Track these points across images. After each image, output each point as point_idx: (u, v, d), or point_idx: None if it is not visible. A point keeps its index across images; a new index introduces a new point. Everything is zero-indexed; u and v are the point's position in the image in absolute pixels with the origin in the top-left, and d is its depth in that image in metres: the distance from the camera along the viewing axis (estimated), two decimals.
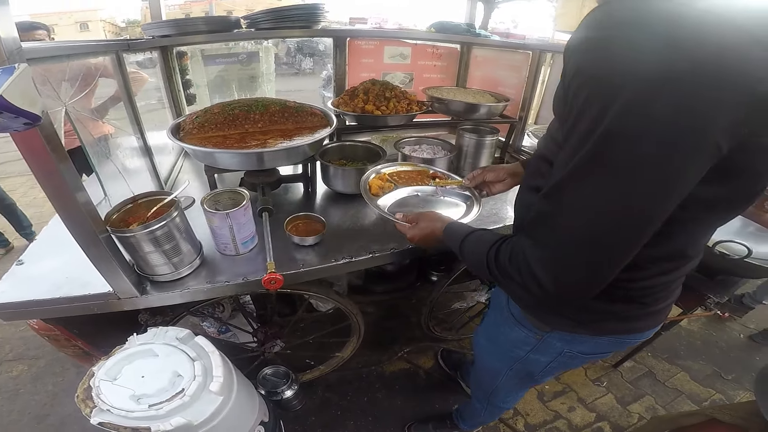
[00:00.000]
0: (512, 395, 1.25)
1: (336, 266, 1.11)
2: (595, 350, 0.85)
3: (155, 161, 1.46)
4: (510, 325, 0.93)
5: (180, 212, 0.99)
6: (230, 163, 1.25)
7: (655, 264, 0.66)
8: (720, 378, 1.99)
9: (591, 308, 0.75)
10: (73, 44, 1.08)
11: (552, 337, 0.85)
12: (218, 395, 0.85)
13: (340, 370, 1.81)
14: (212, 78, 1.86)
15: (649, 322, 0.79)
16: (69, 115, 0.98)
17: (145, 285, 1.00)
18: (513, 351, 0.97)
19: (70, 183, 0.75)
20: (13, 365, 1.95)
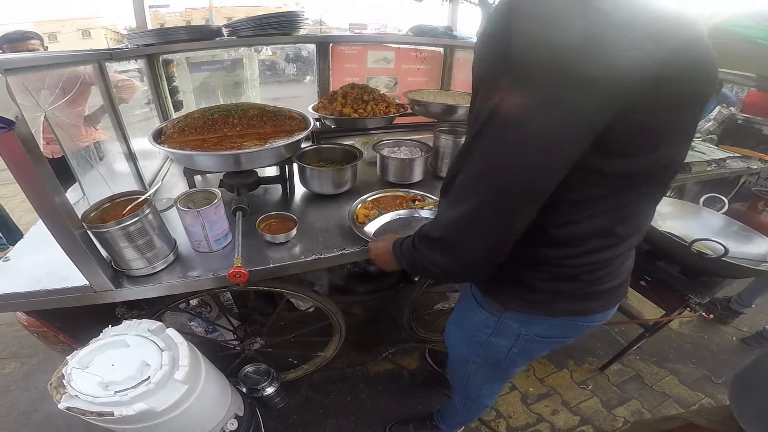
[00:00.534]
0: (486, 387, 1.25)
1: (305, 263, 1.13)
2: (551, 333, 0.87)
3: (140, 166, 1.50)
4: (473, 308, 0.97)
5: (153, 209, 1.03)
6: (207, 165, 1.29)
7: (585, 242, 0.70)
8: (710, 382, 1.96)
9: (537, 288, 0.78)
10: (52, 54, 1.13)
11: (508, 318, 0.88)
12: (183, 383, 0.88)
13: (324, 370, 1.82)
14: (198, 85, 1.92)
15: (598, 303, 0.81)
16: (48, 120, 1.03)
17: (120, 279, 1.04)
18: (476, 335, 1.00)
19: (46, 183, 0.80)
20: (6, 363, 2.00)
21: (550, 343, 0.92)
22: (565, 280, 0.76)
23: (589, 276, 0.75)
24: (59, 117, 1.10)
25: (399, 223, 1.31)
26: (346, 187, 1.45)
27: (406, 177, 1.53)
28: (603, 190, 0.62)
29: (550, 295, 0.79)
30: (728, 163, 2.54)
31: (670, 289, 1.64)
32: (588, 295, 0.79)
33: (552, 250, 0.72)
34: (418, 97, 1.74)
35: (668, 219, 1.78)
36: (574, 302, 0.80)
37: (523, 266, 0.77)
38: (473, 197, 0.60)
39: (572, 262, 0.72)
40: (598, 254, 0.72)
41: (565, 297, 0.79)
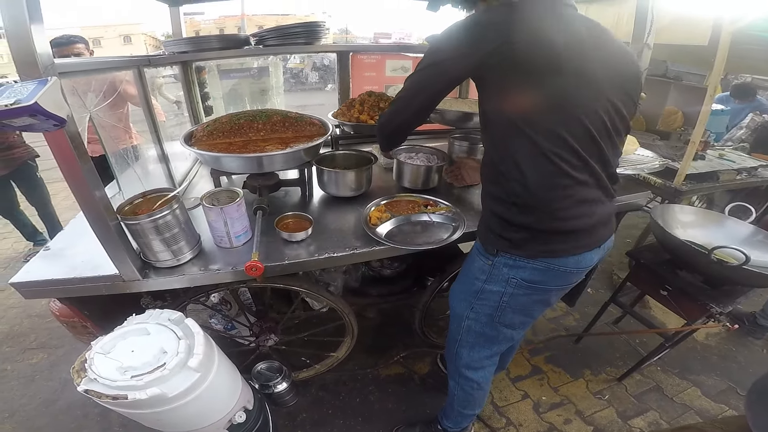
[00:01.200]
0: (475, 357, 1.29)
1: (318, 260, 1.18)
2: (534, 278, 1.02)
3: (171, 167, 1.61)
4: (474, 258, 1.13)
5: (180, 205, 1.12)
6: (233, 166, 1.37)
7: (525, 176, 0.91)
8: (735, 394, 1.88)
9: (512, 222, 0.97)
10: (97, 60, 1.25)
11: (499, 262, 1.04)
12: (196, 371, 0.93)
13: (336, 371, 1.85)
14: (227, 91, 2.04)
15: (569, 245, 0.97)
16: (93, 120, 1.13)
17: (147, 270, 1.12)
18: (474, 283, 1.12)
19: (89, 177, 0.89)
20: (34, 353, 2.13)
21: (536, 292, 1.05)
22: (527, 213, 0.94)
23: (548, 208, 0.92)
24: (102, 118, 1.21)
25: (411, 225, 1.34)
26: (361, 190, 1.51)
27: (422, 183, 1.56)
28: (520, 131, 0.90)
29: (523, 231, 0.96)
30: (760, 171, 2.44)
31: (691, 299, 1.60)
32: (554, 235, 0.95)
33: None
34: None
35: (689, 228, 1.74)
36: (545, 243, 0.96)
37: (499, 204, 0.99)
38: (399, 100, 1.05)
39: (528, 198, 0.93)
40: (551, 192, 0.91)
41: (537, 235, 0.96)
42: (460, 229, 1.29)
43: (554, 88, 0.84)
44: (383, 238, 1.24)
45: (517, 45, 0.81)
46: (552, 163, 0.88)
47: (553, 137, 0.87)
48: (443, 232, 1.31)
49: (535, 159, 0.89)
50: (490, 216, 1.04)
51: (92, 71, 1.18)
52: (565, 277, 1.03)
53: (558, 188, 0.91)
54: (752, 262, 1.32)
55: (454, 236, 1.26)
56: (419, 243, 1.25)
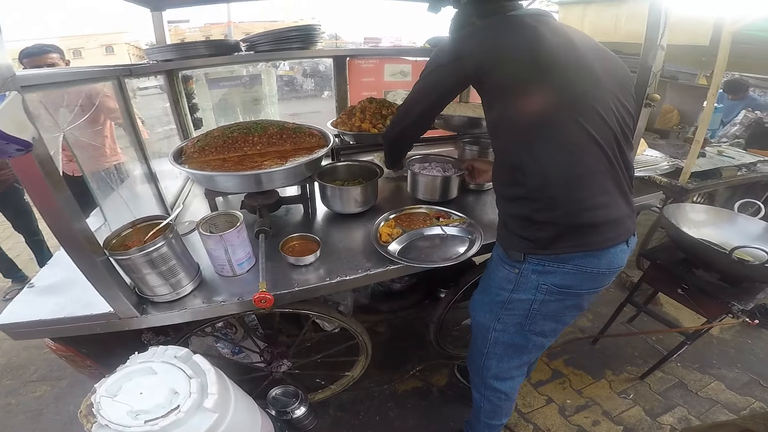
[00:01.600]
0: (504, 368, 1.24)
1: (329, 285, 1.09)
2: (565, 282, 0.98)
3: (161, 187, 1.50)
4: (497, 267, 1.09)
5: (175, 235, 1.01)
6: (228, 186, 1.27)
7: (540, 176, 0.91)
8: (759, 386, 1.86)
9: (536, 219, 0.94)
10: (71, 70, 1.13)
11: (527, 269, 1.00)
12: (213, 412, 0.85)
13: (351, 390, 1.79)
14: (217, 101, 1.93)
15: (593, 238, 0.93)
16: (67, 140, 1.01)
17: (144, 305, 1.02)
18: (500, 294, 1.09)
19: (65, 208, 0.77)
20: (37, 386, 2.01)
21: (567, 297, 1.01)
22: (550, 209, 0.91)
23: (570, 207, 0.90)
24: (79, 137, 1.09)
25: (424, 240, 1.26)
26: (368, 205, 1.42)
27: (439, 195, 1.49)
28: (527, 134, 0.92)
29: (549, 230, 0.93)
30: (759, 167, 2.45)
31: (710, 297, 1.57)
32: (581, 230, 0.92)
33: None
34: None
35: (703, 227, 1.71)
36: (574, 238, 0.92)
37: (521, 205, 0.96)
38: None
39: (544, 194, 0.91)
40: (557, 189, 0.90)
41: (564, 233, 0.92)
42: (478, 242, 1.21)
43: (559, 83, 0.87)
44: (396, 256, 1.15)
45: (511, 46, 0.88)
46: (572, 153, 0.88)
47: (572, 127, 0.87)
48: (460, 246, 1.23)
49: (554, 151, 0.89)
50: (510, 219, 1.02)
51: (64, 84, 1.06)
52: (597, 279, 1.00)
53: (581, 177, 0.90)
54: None
55: (473, 250, 1.19)
56: (434, 259, 1.17)
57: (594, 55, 0.94)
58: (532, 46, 0.87)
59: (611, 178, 0.93)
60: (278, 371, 1.54)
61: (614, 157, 0.93)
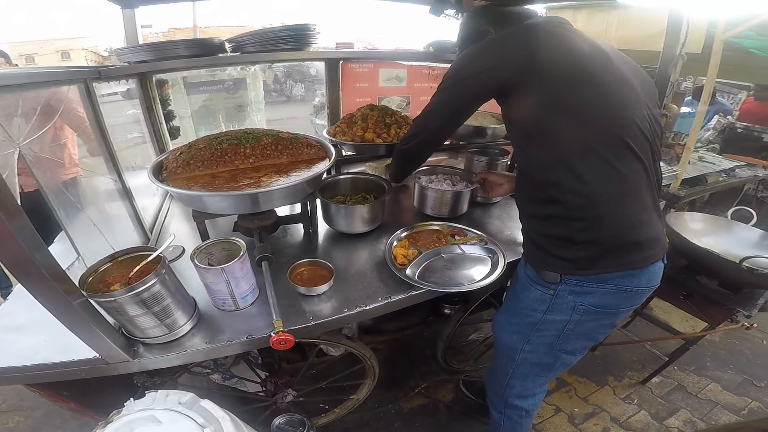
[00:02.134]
0: (528, 387, 1.20)
1: (349, 316, 0.98)
2: (604, 301, 0.92)
3: (137, 206, 1.32)
4: (527, 287, 1.02)
5: (168, 270, 0.87)
6: (221, 207, 1.12)
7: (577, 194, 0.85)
8: (753, 385, 1.93)
9: (576, 239, 0.87)
10: (28, 71, 0.94)
11: (563, 291, 0.94)
12: None
13: (356, 412, 1.69)
14: (196, 108, 1.74)
15: (637, 256, 0.88)
16: (24, 158, 0.84)
17: (136, 348, 0.89)
18: (531, 315, 1.02)
19: (25, 242, 0.61)
20: (8, 416, 1.78)
21: (604, 316, 0.97)
22: (592, 229, 0.86)
23: (611, 229, 0.86)
24: (38, 153, 0.91)
25: (443, 261, 1.17)
26: (376, 223, 1.31)
27: (449, 211, 1.40)
28: (563, 155, 0.87)
29: (592, 248, 0.87)
30: (737, 172, 2.56)
31: (714, 304, 1.60)
32: (623, 248, 0.87)
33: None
34: None
35: (703, 236, 1.74)
36: (614, 257, 0.87)
37: (558, 225, 0.90)
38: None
39: (589, 214, 0.85)
40: (597, 209, 0.85)
41: (604, 252, 0.87)
42: (501, 261, 1.14)
43: (601, 96, 0.83)
44: (418, 280, 1.05)
45: (544, 55, 0.81)
46: (617, 170, 0.83)
47: (616, 142, 0.82)
48: (480, 266, 1.15)
49: (599, 167, 0.83)
50: (543, 238, 0.95)
51: (18, 87, 0.87)
52: (635, 297, 0.95)
53: (626, 194, 0.85)
54: None
55: (497, 270, 1.11)
56: (459, 282, 1.08)
57: (625, 64, 0.90)
58: (568, 57, 0.83)
59: (650, 193, 0.90)
60: (283, 402, 1.41)
61: (651, 171, 0.89)
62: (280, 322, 0.84)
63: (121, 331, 0.89)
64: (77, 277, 0.81)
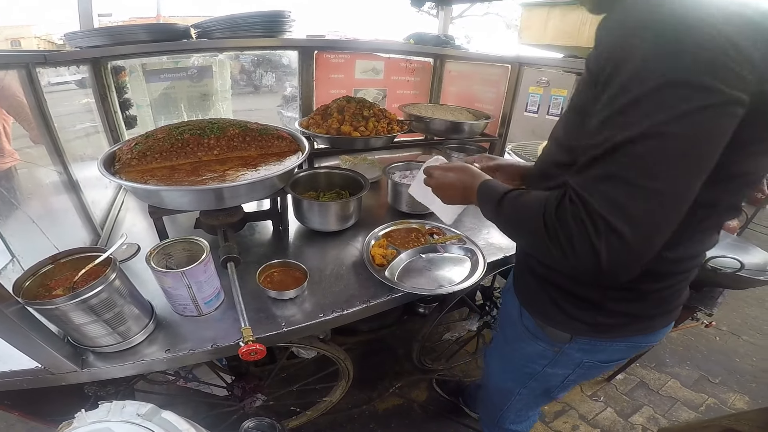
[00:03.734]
0: (523, 415, 1.17)
1: (325, 321, 0.93)
2: (613, 357, 0.84)
3: (86, 200, 1.19)
4: (525, 340, 0.90)
5: (119, 273, 0.78)
6: (181, 203, 1.03)
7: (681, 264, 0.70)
8: (708, 382, 2.02)
9: (609, 309, 0.74)
10: None
11: (571, 349, 0.82)
12: None
13: (329, 413, 1.64)
14: (156, 97, 1.61)
15: (663, 320, 0.79)
16: None
17: (85, 357, 0.81)
18: (528, 366, 0.94)
19: None
20: None
21: (608, 367, 0.89)
22: (640, 301, 0.73)
23: (665, 297, 0.74)
24: None
25: (422, 262, 1.14)
26: (351, 221, 1.26)
27: (423, 207, 1.36)
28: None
29: (622, 318, 0.75)
30: None
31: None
32: (656, 314, 0.76)
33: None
34: (415, 112, 1.58)
35: None
36: (642, 322, 0.76)
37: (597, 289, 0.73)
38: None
39: (658, 285, 0.71)
40: (680, 276, 0.72)
41: (635, 319, 0.75)
42: (481, 261, 1.12)
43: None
44: (397, 282, 1.01)
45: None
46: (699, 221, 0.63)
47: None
48: (459, 266, 1.13)
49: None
50: (554, 290, 0.78)
51: None
52: (643, 348, 0.87)
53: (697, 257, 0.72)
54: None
55: (478, 272, 1.08)
56: (440, 283, 1.05)
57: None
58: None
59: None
60: (252, 407, 1.34)
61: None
62: (250, 331, 0.77)
63: (66, 339, 0.80)
64: (12, 282, 0.71)
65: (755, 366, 2.12)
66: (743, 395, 1.94)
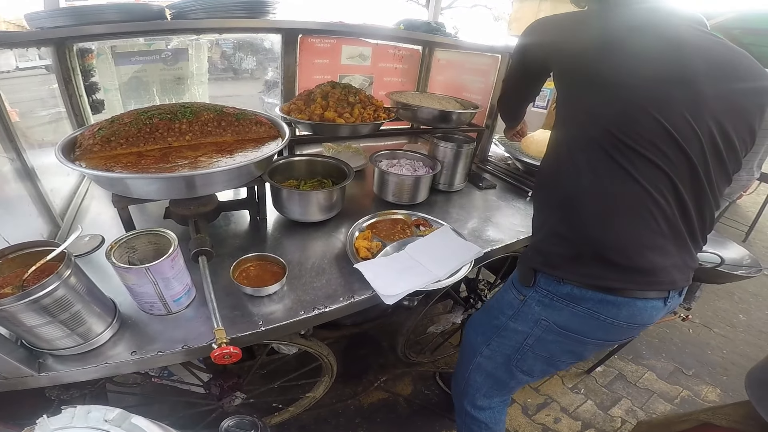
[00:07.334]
0: (484, 393, 1.15)
1: (306, 320, 0.87)
2: (571, 324, 0.85)
3: (43, 188, 1.09)
4: (505, 289, 1.01)
5: (74, 269, 0.70)
6: (148, 191, 0.95)
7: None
8: (682, 374, 2.08)
9: (551, 230, 0.85)
10: None
11: (532, 299, 0.89)
12: None
13: (313, 408, 1.60)
14: (126, 80, 1.49)
15: (618, 277, 0.77)
16: None
17: (43, 360, 0.74)
18: (498, 318, 1.00)
19: None
20: None
21: (568, 340, 0.89)
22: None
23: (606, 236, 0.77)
24: None
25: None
26: (334, 212, 1.20)
27: (409, 197, 1.32)
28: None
29: (568, 245, 0.82)
30: None
31: None
32: (612, 265, 0.76)
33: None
34: (403, 100, 1.53)
35: None
36: (597, 268, 0.78)
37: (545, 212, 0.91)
38: None
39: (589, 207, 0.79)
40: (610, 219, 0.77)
41: (587, 259, 0.79)
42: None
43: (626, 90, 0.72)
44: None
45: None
46: (621, 168, 0.74)
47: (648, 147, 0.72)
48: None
49: (595, 158, 0.77)
50: (533, 234, 0.97)
51: None
52: (611, 331, 0.84)
53: (624, 203, 0.75)
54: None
55: (466, 265, 1.04)
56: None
57: (706, 67, 0.76)
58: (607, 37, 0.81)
59: (674, 216, 0.75)
60: (231, 405, 1.28)
61: (685, 190, 0.75)
62: (223, 332, 0.71)
63: (20, 342, 0.73)
64: None
65: (725, 358, 2.20)
66: (715, 387, 2.00)
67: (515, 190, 1.62)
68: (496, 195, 1.56)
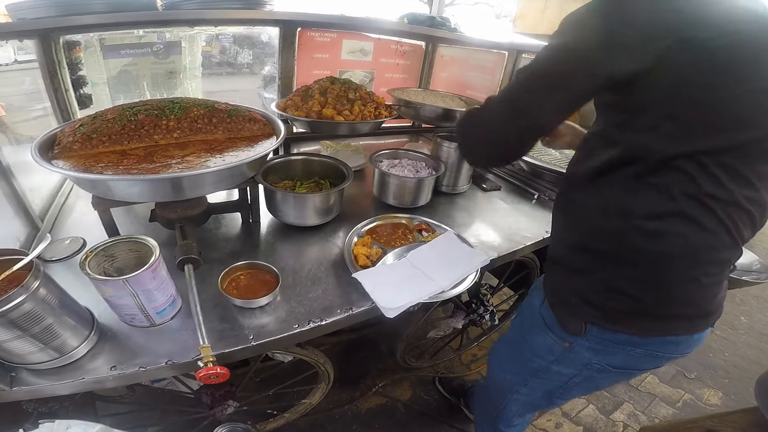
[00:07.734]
0: (519, 418, 1.14)
1: (300, 334, 0.81)
2: (627, 363, 0.77)
3: (19, 187, 1.02)
4: (538, 330, 0.87)
5: (45, 280, 0.64)
6: (130, 194, 0.88)
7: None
8: (684, 377, 2.04)
9: (624, 291, 0.69)
10: None
11: (581, 346, 0.78)
12: None
13: (309, 414, 1.55)
14: (115, 74, 1.42)
15: (685, 324, 0.71)
16: None
17: (15, 374, 0.69)
18: (534, 360, 0.90)
19: None
20: None
21: (619, 375, 0.83)
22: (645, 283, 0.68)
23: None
24: None
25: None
26: (332, 215, 1.14)
27: (410, 200, 1.25)
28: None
29: (634, 303, 0.69)
30: None
31: None
32: (675, 314, 0.69)
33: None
34: (405, 97, 1.46)
35: None
36: (659, 320, 0.71)
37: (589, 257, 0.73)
38: None
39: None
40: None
41: (648, 311, 0.70)
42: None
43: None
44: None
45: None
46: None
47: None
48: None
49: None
50: (575, 277, 0.76)
51: None
52: (662, 361, 0.79)
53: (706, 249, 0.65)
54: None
55: (472, 275, 0.99)
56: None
57: None
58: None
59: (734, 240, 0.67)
60: (223, 414, 1.23)
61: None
62: (209, 350, 0.65)
63: None
64: None
65: (727, 361, 2.16)
66: (717, 390, 1.96)
67: (521, 192, 1.56)
68: (501, 197, 1.50)
